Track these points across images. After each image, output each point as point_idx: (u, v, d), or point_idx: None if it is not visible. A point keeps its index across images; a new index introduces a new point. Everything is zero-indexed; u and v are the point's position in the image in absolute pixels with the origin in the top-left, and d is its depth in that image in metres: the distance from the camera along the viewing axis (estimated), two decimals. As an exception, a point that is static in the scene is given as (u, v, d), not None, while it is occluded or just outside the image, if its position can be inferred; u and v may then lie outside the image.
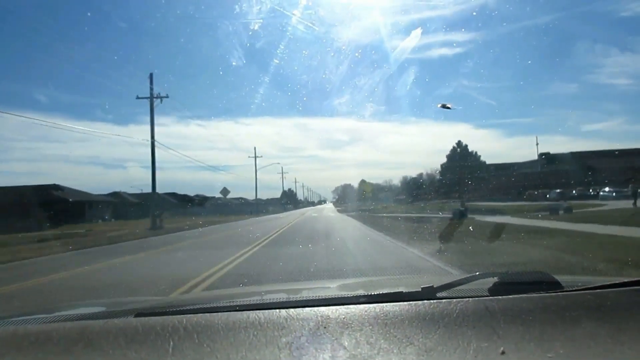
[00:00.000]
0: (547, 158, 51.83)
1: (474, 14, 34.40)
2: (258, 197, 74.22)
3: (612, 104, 76.72)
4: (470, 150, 43.27)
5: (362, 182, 33.25)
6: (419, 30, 25.18)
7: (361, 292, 1.71)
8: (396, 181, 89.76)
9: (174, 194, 69.66)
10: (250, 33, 25.06)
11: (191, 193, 67.93)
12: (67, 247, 14.92)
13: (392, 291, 1.51)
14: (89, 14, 37.55)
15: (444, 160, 70.57)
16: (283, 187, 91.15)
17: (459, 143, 43.48)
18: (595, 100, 78.07)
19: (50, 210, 30.56)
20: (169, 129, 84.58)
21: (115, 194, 56.42)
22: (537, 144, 53.82)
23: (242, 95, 79.03)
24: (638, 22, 61.58)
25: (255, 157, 53.82)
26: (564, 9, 49.75)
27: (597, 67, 73.14)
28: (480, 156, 42.63)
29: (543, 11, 43.04)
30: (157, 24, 51.45)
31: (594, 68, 72.93)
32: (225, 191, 35.15)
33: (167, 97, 24.93)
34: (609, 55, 68.16)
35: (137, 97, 25.23)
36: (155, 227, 23.92)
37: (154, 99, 24.73)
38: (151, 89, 24.26)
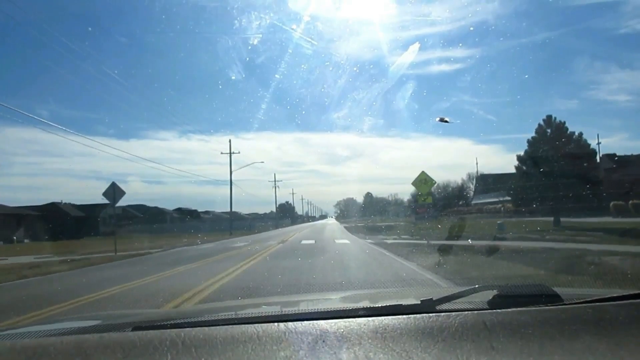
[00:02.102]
0: (614, 161, 44.81)
1: (472, 29, 37.32)
2: (254, 211, 75.58)
3: (612, 120, 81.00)
4: (569, 132, 27.63)
5: (423, 173, 19.50)
6: (416, 45, 26.67)
7: (360, 304, 1.72)
8: (401, 195, 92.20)
9: (141, 207, 65.70)
10: (249, 48, 27.96)
11: (195, 208, 72.35)
12: None
13: (391, 304, 1.55)
14: (89, 28, 40.27)
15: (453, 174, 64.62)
16: (276, 200, 78.76)
17: (550, 119, 28.07)
18: (595, 116, 78.62)
19: None
20: (170, 143, 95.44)
21: (51, 206, 50.99)
22: (598, 143, 45.30)
23: (242, 109, 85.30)
24: (636, 39, 65.36)
25: (230, 153, 39.53)
26: (562, 25, 54.54)
27: (596, 83, 78.30)
28: (584, 140, 27.08)
29: (541, 27, 45.39)
30: (157, 38, 54.18)
31: (593, 84, 76.41)
32: (112, 193, 19.43)
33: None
34: (608, 71, 71.75)
35: None
36: None
37: None
38: None
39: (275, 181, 76.19)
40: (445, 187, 73.59)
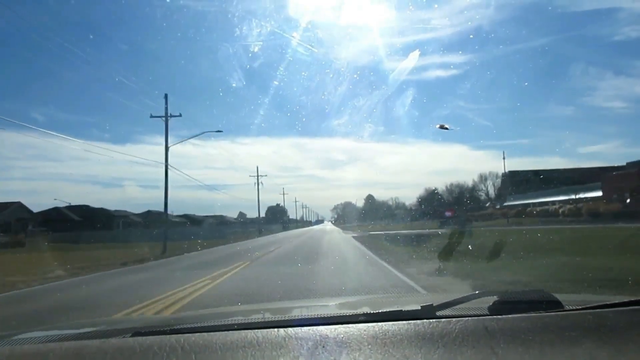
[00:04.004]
0: None
1: (471, 36, 34.80)
2: (241, 215, 75.45)
3: (608, 126, 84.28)
4: None
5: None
6: (417, 52, 27.40)
7: (360, 310, 1.83)
8: (402, 199, 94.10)
9: (84, 208, 54.00)
10: (250, 55, 31.04)
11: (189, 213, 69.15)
12: None
13: (391, 310, 1.60)
14: (91, 36, 26.83)
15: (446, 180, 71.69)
16: (259, 199, 68.20)
17: None
18: (591, 123, 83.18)
19: None
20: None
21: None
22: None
23: (241, 115, 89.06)
24: (631, 46, 64.63)
25: (167, 116, 23.91)
26: (559, 32, 52.17)
27: (592, 90, 79.87)
28: None
29: (538, 34, 41.87)
30: (158, 46, 49.52)
31: (589, 91, 79.14)
32: None
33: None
34: (604, 78, 74.34)
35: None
36: None
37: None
38: None
39: (257, 176, 61.46)
40: (459, 188, 73.11)
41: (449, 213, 51.85)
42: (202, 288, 11.96)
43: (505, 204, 58.75)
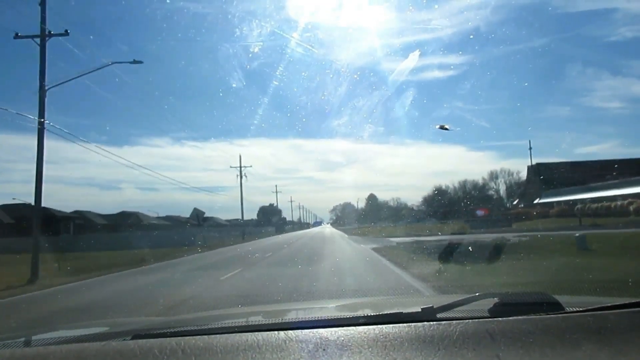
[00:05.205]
0: None
1: (470, 37, 42.47)
2: (197, 212, 53.88)
3: (606, 126, 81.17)
4: None
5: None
6: (416, 53, 25.85)
7: (361, 313, 1.86)
8: (403, 200, 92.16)
9: (22, 207, 42.51)
10: (250, 55, 30.59)
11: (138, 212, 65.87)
12: None
13: (391, 312, 1.65)
14: (91, 37, 26.33)
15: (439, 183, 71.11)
16: (241, 192, 63.27)
17: None
18: (588, 123, 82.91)
19: None
20: (164, 150, 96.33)
21: None
22: None
23: (240, 116, 76.77)
24: (627, 46, 60.95)
25: (45, 35, 19.63)
26: (556, 32, 48.13)
27: (590, 91, 76.73)
28: None
29: (536, 35, 43.23)
30: (158, 46, 53.77)
31: (586, 91, 77.18)
32: None
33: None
34: (601, 78, 72.40)
35: None
36: None
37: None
38: None
39: (240, 167, 51.90)
40: (472, 185, 74.67)
41: (482, 212, 44.72)
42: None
43: (540, 200, 54.57)
